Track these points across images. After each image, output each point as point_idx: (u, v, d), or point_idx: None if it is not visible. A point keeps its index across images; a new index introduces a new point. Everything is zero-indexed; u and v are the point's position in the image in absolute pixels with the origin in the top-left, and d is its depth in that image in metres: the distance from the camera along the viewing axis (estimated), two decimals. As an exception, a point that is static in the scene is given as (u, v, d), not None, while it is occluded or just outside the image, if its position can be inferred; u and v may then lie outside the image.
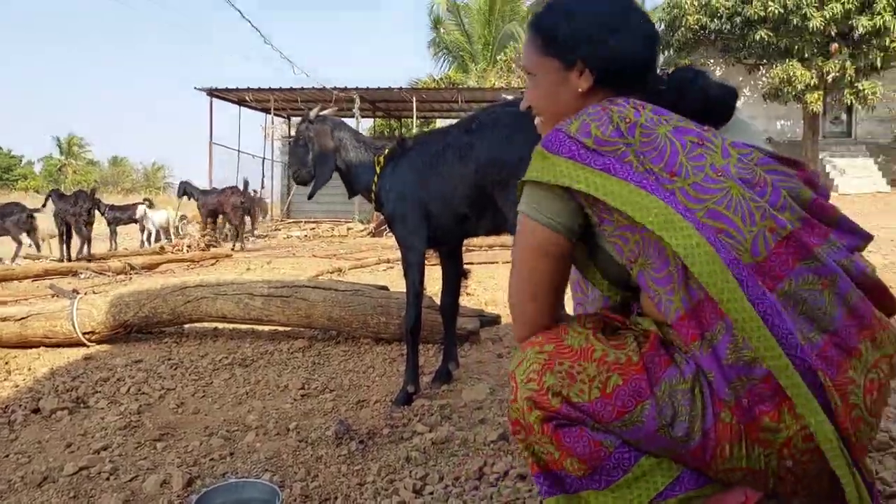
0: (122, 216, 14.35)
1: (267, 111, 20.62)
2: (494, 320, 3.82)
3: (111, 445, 2.53)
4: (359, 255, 10.75)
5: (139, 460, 2.40)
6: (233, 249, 12.03)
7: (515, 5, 27.94)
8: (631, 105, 1.21)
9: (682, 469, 1.17)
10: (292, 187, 20.94)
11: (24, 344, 3.93)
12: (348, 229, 17.64)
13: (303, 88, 18.18)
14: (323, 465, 2.28)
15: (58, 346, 3.95)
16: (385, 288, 3.90)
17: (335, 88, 17.91)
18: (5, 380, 3.39)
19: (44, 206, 12.19)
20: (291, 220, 20.12)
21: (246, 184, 13.80)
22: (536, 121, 1.42)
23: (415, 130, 19.88)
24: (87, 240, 11.63)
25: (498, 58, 25.57)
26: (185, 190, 14.21)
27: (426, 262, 3.15)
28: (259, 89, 18.59)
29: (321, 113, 3.38)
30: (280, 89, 18.50)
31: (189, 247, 11.84)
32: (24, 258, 11.30)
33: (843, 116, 20.53)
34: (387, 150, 3.20)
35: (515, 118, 2.65)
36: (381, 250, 11.38)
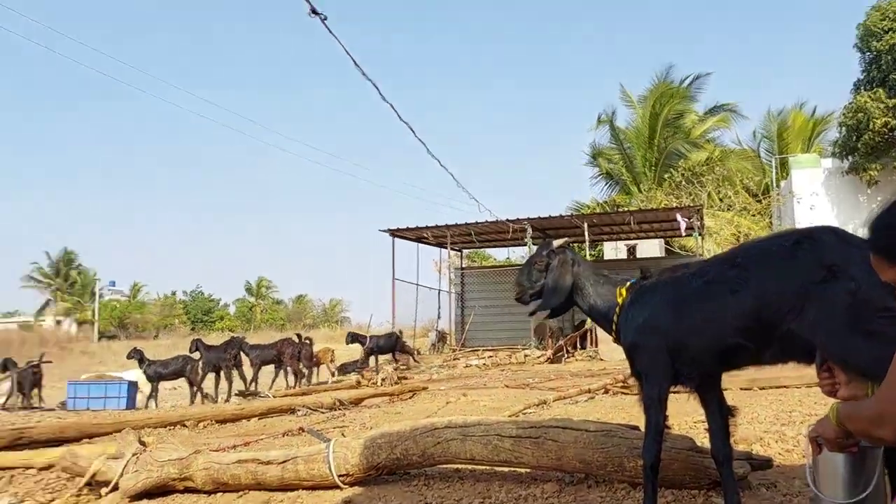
0: (267, 355, 14.73)
1: (442, 246, 21.61)
2: (765, 464, 3.48)
3: None
4: (550, 384, 10.57)
5: None
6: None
7: (677, 126, 27.97)
8: None
9: None
10: (468, 317, 21.45)
11: (283, 487, 4.12)
12: (525, 356, 17.53)
13: (476, 222, 18.98)
14: None
15: (313, 488, 4.10)
16: (636, 428, 3.72)
17: (508, 220, 18.47)
18: (282, 524, 3.54)
19: (191, 352, 13.54)
20: (469, 349, 20.36)
21: (299, 336, 15.00)
22: None
23: (586, 254, 19.78)
24: (231, 381, 13.37)
25: (665, 177, 25.33)
26: (240, 346, 14.35)
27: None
28: (437, 226, 19.58)
29: (559, 244, 3.54)
30: (456, 225, 19.38)
31: (383, 380, 12.26)
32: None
33: None
34: (628, 283, 3.28)
35: (782, 249, 2.68)
36: (569, 378, 11.15)
